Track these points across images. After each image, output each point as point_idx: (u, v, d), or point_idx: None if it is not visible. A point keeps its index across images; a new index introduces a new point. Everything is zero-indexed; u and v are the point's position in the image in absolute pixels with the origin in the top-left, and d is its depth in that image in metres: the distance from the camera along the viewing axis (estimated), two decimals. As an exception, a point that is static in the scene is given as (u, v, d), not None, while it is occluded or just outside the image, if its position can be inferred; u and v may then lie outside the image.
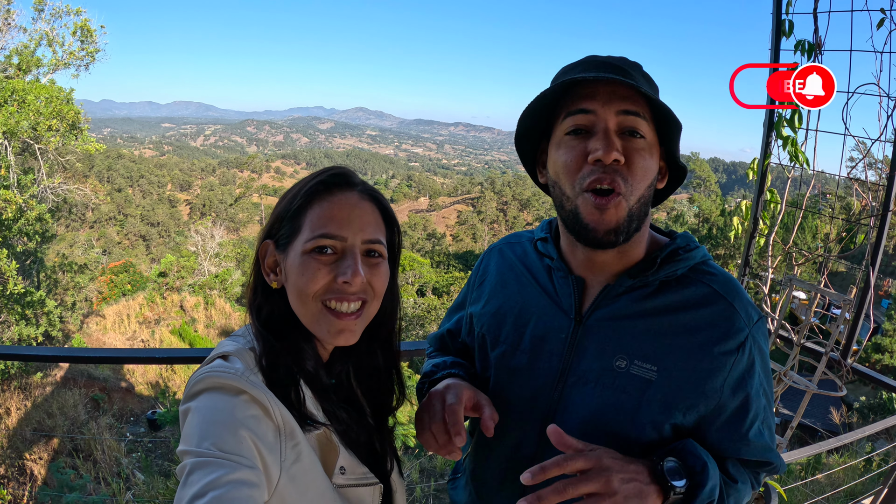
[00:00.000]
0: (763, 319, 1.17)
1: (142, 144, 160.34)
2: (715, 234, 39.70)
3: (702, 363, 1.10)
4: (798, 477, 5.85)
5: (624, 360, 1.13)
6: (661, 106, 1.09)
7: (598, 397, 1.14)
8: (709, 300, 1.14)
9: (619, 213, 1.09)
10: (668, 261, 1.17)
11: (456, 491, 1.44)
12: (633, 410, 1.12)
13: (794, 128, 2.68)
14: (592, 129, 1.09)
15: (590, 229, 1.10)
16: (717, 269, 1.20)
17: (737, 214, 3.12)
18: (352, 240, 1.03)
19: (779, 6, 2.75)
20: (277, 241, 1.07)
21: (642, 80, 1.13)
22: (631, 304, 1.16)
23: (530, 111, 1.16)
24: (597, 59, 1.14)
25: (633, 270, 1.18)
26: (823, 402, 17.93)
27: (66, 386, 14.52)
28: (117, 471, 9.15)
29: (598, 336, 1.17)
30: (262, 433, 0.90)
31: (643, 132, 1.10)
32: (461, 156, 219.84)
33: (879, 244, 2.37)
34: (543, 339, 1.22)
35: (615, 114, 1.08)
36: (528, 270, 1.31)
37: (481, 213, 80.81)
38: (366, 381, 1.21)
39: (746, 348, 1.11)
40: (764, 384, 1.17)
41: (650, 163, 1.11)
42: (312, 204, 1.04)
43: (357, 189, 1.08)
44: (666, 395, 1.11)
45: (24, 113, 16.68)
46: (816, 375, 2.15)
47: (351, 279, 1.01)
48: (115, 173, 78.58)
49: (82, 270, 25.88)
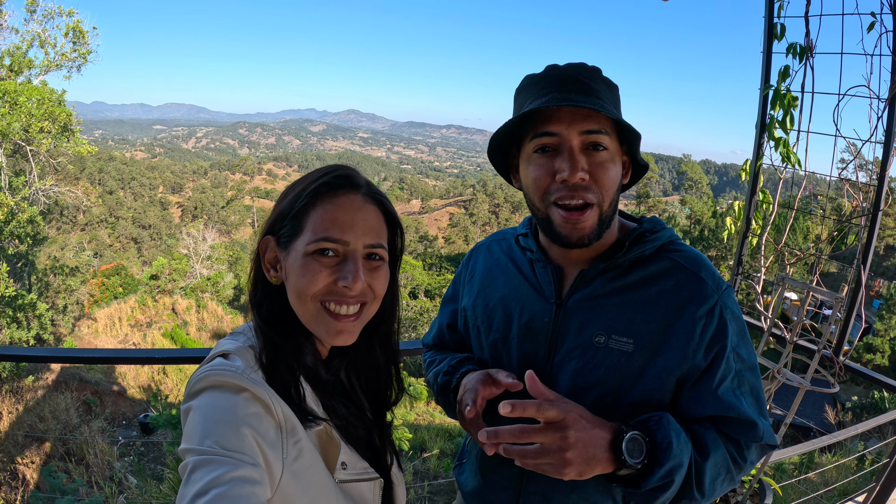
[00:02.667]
0: (730, 288, 1.25)
1: (133, 146, 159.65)
2: (707, 235, 39.91)
3: (672, 329, 1.19)
4: (791, 475, 5.90)
5: (602, 335, 1.23)
6: (621, 121, 1.17)
7: (582, 372, 1.24)
8: (674, 271, 1.23)
9: (592, 220, 1.19)
10: (636, 243, 1.27)
11: (463, 475, 1.53)
12: (616, 382, 1.21)
13: (786, 129, 2.71)
14: (558, 148, 1.18)
15: (563, 236, 1.21)
16: (685, 247, 1.29)
17: (729, 215, 3.15)
18: (354, 244, 1.03)
19: (771, 10, 2.79)
20: (279, 238, 1.07)
21: (603, 89, 1.19)
22: (604, 285, 1.26)
23: (498, 137, 1.26)
24: (557, 73, 1.20)
25: (604, 255, 1.28)
26: (817, 402, 18.06)
27: (58, 389, 14.41)
28: (109, 475, 9.09)
29: (578, 316, 1.26)
30: (264, 430, 0.90)
31: (605, 144, 1.18)
32: (453, 158, 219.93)
33: (870, 243, 2.40)
34: (530, 325, 1.32)
35: (578, 133, 1.16)
36: (512, 263, 1.43)
37: (473, 215, 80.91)
38: (365, 377, 1.22)
39: (716, 313, 1.19)
40: (738, 348, 1.23)
41: (614, 170, 1.20)
42: (316, 205, 1.04)
43: (361, 192, 1.08)
44: (644, 364, 1.20)
45: (16, 114, 16.56)
46: (809, 372, 2.18)
47: (351, 284, 1.01)
48: (107, 175, 78.18)
49: (73, 273, 25.70)
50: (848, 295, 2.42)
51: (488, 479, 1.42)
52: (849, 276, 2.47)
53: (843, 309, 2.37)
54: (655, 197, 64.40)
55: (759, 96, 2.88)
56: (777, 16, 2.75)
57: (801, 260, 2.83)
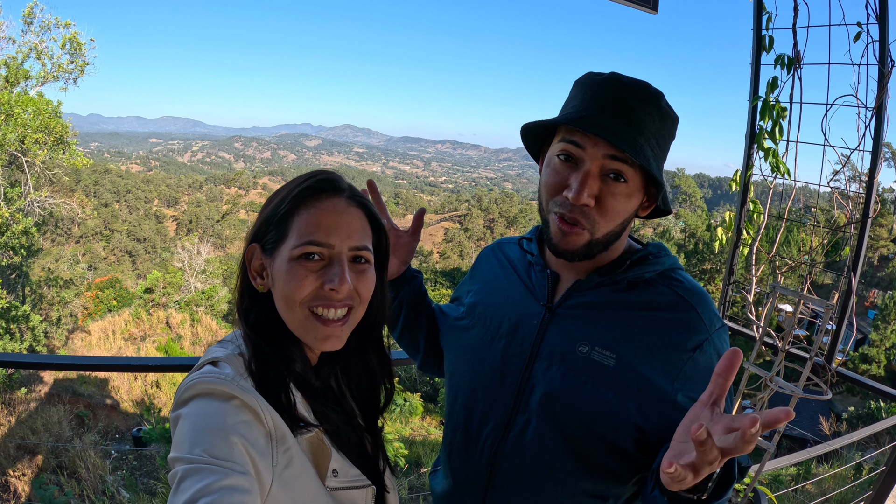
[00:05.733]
0: (724, 328, 1.24)
1: (129, 159, 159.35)
2: (701, 248, 39.94)
3: (658, 360, 1.18)
4: (788, 486, 5.88)
5: (586, 345, 1.22)
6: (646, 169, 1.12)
7: (560, 378, 1.23)
8: (673, 304, 1.22)
9: (580, 241, 1.19)
10: (638, 264, 1.26)
11: (436, 480, 1.54)
12: (591, 392, 1.20)
13: (775, 140, 2.75)
14: (579, 163, 1.15)
15: (553, 243, 1.22)
16: (685, 277, 1.28)
17: (721, 226, 3.18)
18: (339, 247, 1.03)
19: (759, 22, 2.82)
20: (264, 245, 1.07)
21: (651, 121, 1.15)
22: (598, 298, 1.26)
23: (529, 129, 1.26)
24: (612, 89, 1.15)
25: (603, 269, 1.28)
26: (812, 414, 18.02)
27: (51, 402, 14.27)
28: (102, 489, 9.00)
29: (565, 323, 1.27)
30: (254, 439, 0.90)
31: (627, 177, 1.14)
32: (448, 173, 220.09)
33: (859, 251, 2.42)
34: (518, 326, 1.33)
35: (602, 157, 1.12)
36: (512, 266, 1.45)
37: (468, 230, 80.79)
38: (356, 383, 1.22)
39: (704, 350, 1.18)
40: None
41: (626, 205, 1.18)
42: (299, 210, 1.04)
43: (344, 195, 1.08)
44: (620, 380, 1.18)
45: (12, 125, 16.55)
46: (801, 380, 2.18)
47: (338, 287, 1.01)
48: (102, 188, 77.94)
49: (68, 285, 25.62)
50: (839, 302, 2.43)
51: (457, 476, 1.43)
52: (840, 283, 2.49)
53: (835, 316, 2.39)
54: (650, 213, 64.32)
55: (749, 107, 2.91)
56: (765, 28, 2.79)
57: (793, 270, 2.85)
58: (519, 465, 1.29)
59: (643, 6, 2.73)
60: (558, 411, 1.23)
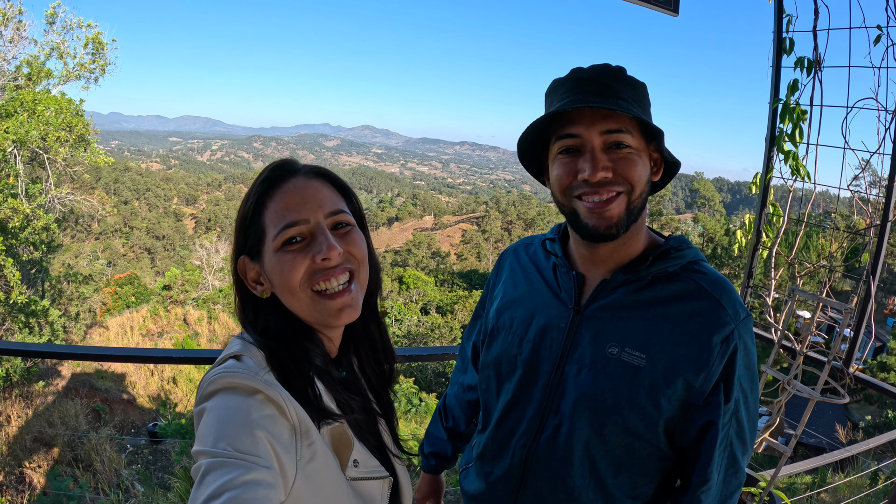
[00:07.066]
0: (750, 318, 1.25)
1: (149, 158, 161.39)
2: (720, 253, 39.66)
3: (686, 353, 1.19)
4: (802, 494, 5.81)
5: (616, 347, 1.23)
6: (641, 119, 1.17)
7: (591, 381, 1.25)
8: (696, 295, 1.23)
9: (620, 208, 1.19)
10: (661, 258, 1.27)
11: (467, 480, 1.55)
12: (625, 395, 1.21)
13: (796, 142, 2.72)
14: (581, 149, 1.19)
15: (590, 227, 1.21)
16: (708, 269, 1.28)
17: (740, 229, 3.16)
18: (314, 218, 1.03)
19: (780, 25, 2.81)
20: (250, 252, 1.07)
21: (625, 88, 1.20)
22: (624, 297, 1.26)
23: (525, 138, 1.27)
24: (580, 75, 1.21)
25: (627, 267, 1.28)
26: (829, 421, 17.82)
27: (68, 396, 14.48)
28: (117, 482, 9.11)
29: (594, 325, 1.27)
30: (278, 433, 0.90)
31: (628, 143, 1.18)
32: (466, 175, 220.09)
33: (879, 254, 2.40)
34: (546, 330, 1.33)
35: (599, 134, 1.17)
36: (536, 268, 1.44)
37: (486, 232, 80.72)
38: (366, 359, 1.23)
39: (731, 343, 1.19)
40: (742, 379, 1.22)
41: (641, 165, 1.20)
42: (265, 203, 1.05)
43: (301, 173, 1.08)
44: (652, 381, 1.20)
45: (34, 123, 16.75)
46: (819, 383, 2.17)
47: (328, 253, 1.01)
48: (122, 186, 79.01)
49: (87, 281, 25.86)
50: (857, 306, 2.42)
51: (489, 476, 1.44)
52: (859, 287, 2.47)
53: (853, 319, 2.37)
54: (668, 215, 64.01)
55: (769, 110, 2.89)
56: (786, 31, 2.77)
57: (812, 277, 2.82)
58: (551, 466, 1.30)
59: (664, 8, 2.73)
60: (590, 414, 1.24)
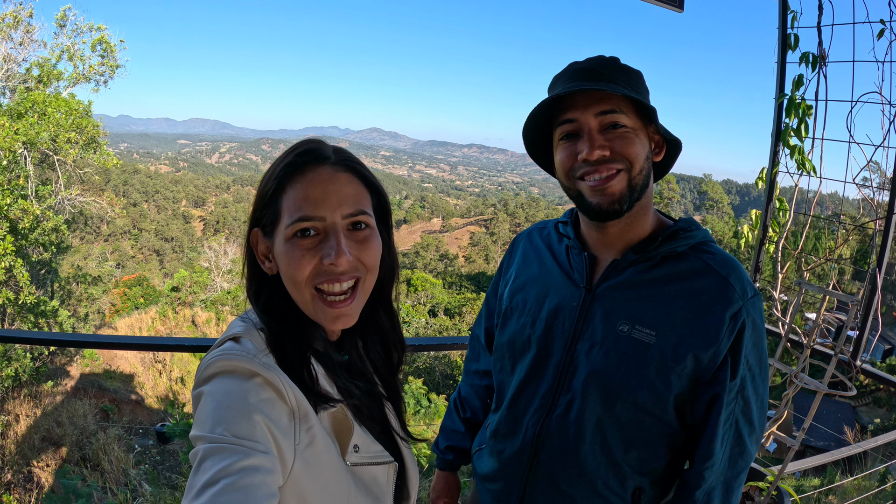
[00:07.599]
0: (758, 296, 1.27)
1: (158, 160, 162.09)
2: (727, 256, 39.43)
3: (695, 329, 1.21)
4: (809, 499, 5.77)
5: (626, 324, 1.26)
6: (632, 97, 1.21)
7: (602, 358, 1.27)
8: (704, 273, 1.26)
9: (621, 185, 1.23)
10: (670, 239, 1.30)
11: (481, 461, 1.57)
12: (634, 371, 1.24)
13: (801, 137, 2.72)
14: (579, 133, 1.24)
15: (594, 206, 1.25)
16: (717, 250, 1.31)
17: (747, 224, 3.16)
18: (331, 217, 0.98)
19: (784, 21, 2.82)
20: (263, 228, 1.04)
21: (616, 74, 1.24)
22: (634, 276, 1.29)
23: (528, 128, 1.34)
24: (577, 66, 1.27)
25: (637, 246, 1.31)
26: (837, 422, 17.67)
27: (77, 396, 14.55)
28: (125, 482, 9.14)
29: (605, 304, 1.30)
30: (276, 417, 0.88)
31: (624, 122, 1.23)
32: (474, 177, 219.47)
33: (884, 247, 2.40)
34: (558, 309, 1.36)
35: (594, 116, 1.22)
36: (549, 250, 1.48)
37: (494, 234, 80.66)
38: (372, 347, 1.20)
39: (739, 319, 1.21)
40: (750, 357, 1.24)
41: (638, 143, 1.24)
42: (286, 187, 1.00)
43: (329, 162, 1.02)
44: (662, 357, 1.22)
45: (44, 124, 16.87)
46: (826, 376, 2.17)
47: (336, 260, 0.97)
48: (131, 188, 79.48)
49: (96, 282, 26.02)
50: (864, 297, 2.41)
51: (502, 454, 1.46)
52: (865, 282, 2.46)
53: (860, 311, 2.37)
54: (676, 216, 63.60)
55: (774, 105, 2.90)
56: (790, 26, 2.78)
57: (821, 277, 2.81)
58: (563, 443, 1.33)
59: (669, 4, 2.74)
60: (602, 390, 1.27)
